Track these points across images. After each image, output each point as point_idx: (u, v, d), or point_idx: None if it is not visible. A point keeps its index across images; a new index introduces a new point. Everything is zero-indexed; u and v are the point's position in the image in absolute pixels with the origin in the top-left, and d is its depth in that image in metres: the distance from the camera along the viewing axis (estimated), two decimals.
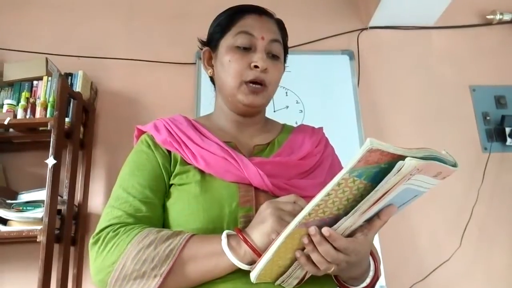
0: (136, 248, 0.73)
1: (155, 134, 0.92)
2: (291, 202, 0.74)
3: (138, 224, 0.80)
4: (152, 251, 0.73)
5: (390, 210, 0.67)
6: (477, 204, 2.00)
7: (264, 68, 0.90)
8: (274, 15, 1.01)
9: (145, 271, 0.72)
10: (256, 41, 0.92)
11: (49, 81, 1.95)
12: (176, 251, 0.72)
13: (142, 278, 0.72)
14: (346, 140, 1.89)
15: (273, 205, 0.73)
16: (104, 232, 0.79)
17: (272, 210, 0.72)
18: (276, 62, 0.95)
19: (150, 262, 0.72)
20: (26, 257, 1.87)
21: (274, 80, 0.95)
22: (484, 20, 2.36)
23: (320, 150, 0.97)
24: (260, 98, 0.92)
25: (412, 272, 1.92)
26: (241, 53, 0.92)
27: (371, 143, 0.56)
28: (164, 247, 0.73)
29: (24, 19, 2.31)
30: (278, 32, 0.98)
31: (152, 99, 2.16)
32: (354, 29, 2.32)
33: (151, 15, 2.33)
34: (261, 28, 0.93)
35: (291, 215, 0.70)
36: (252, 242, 0.71)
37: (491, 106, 2.21)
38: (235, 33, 0.93)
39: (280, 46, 0.97)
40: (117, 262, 0.73)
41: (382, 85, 2.24)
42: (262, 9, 0.99)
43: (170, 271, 0.72)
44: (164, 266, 0.72)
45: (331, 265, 0.69)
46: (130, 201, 0.83)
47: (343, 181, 0.60)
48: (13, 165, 2.03)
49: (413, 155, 0.58)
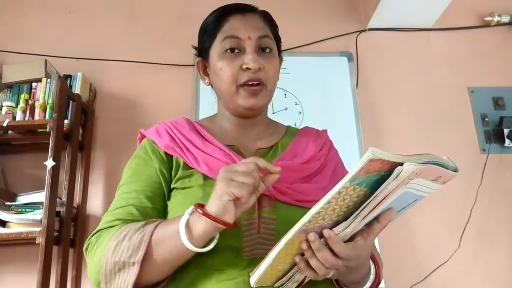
0: (113, 243, 0.75)
1: (157, 139, 0.92)
2: (246, 162, 0.73)
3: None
4: (127, 242, 0.74)
5: (390, 214, 0.67)
6: (475, 205, 2.00)
7: (257, 68, 0.89)
8: (257, 8, 0.99)
9: (124, 261, 0.73)
10: (243, 43, 0.91)
11: (48, 83, 1.95)
12: (147, 237, 0.73)
13: (124, 269, 0.73)
14: (345, 142, 1.88)
15: (225, 168, 0.72)
16: (93, 238, 0.82)
17: (222, 173, 0.71)
18: (269, 56, 0.93)
19: (126, 251, 0.73)
20: (25, 259, 1.86)
21: (271, 76, 0.92)
22: (482, 22, 2.36)
23: (324, 153, 0.96)
24: (260, 98, 0.91)
25: (411, 273, 1.92)
26: (231, 57, 0.90)
27: (372, 153, 0.55)
28: (136, 235, 0.74)
29: (23, 21, 2.31)
30: (265, 26, 0.96)
31: (151, 101, 2.16)
32: (353, 31, 2.32)
33: (150, 17, 2.33)
34: (246, 28, 0.92)
35: (242, 174, 0.70)
36: (206, 210, 0.70)
37: (489, 108, 2.22)
38: (221, 39, 0.92)
39: (270, 39, 0.95)
40: (101, 259, 0.76)
41: (380, 87, 2.24)
42: (244, 6, 0.97)
43: (145, 257, 0.72)
44: (138, 252, 0.73)
45: (330, 271, 0.69)
46: (123, 206, 0.84)
47: (343, 190, 0.60)
48: (12, 167, 2.03)
49: (413, 161, 0.58)
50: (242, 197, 0.69)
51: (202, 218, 0.71)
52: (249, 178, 0.70)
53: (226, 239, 0.78)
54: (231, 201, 0.69)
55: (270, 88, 0.93)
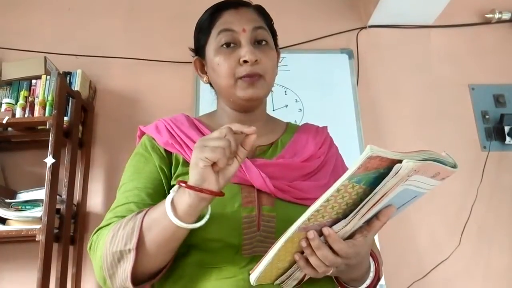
0: (109, 236, 0.76)
1: (156, 136, 0.92)
2: (219, 129, 0.71)
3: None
4: (121, 231, 0.75)
5: (389, 211, 0.67)
6: (476, 203, 2.00)
7: (254, 60, 0.87)
8: (251, 3, 0.98)
9: (121, 250, 0.73)
10: (238, 36, 0.90)
11: (48, 80, 1.95)
12: (138, 222, 0.73)
13: (122, 258, 0.74)
14: (345, 139, 1.88)
15: (200, 138, 0.71)
16: (94, 236, 0.82)
17: (197, 143, 0.70)
18: (265, 48, 0.91)
19: (121, 240, 0.74)
20: (25, 256, 1.87)
21: (270, 67, 0.91)
22: (483, 19, 2.36)
23: (324, 151, 0.96)
24: (259, 89, 0.90)
25: (411, 271, 1.92)
26: (228, 51, 0.89)
27: (371, 150, 0.55)
28: (129, 224, 0.75)
29: (22, 18, 2.30)
30: (259, 18, 0.95)
31: (151, 98, 2.15)
32: (353, 28, 2.31)
33: (150, 14, 2.32)
34: (240, 21, 0.91)
35: (216, 139, 0.68)
36: (188, 182, 0.69)
37: (490, 105, 2.21)
38: (216, 34, 0.91)
39: (265, 31, 0.94)
40: (102, 254, 0.76)
41: (381, 84, 2.24)
42: (238, 1, 0.96)
43: (139, 243, 0.72)
44: (132, 239, 0.73)
45: (329, 268, 0.69)
46: (124, 204, 0.84)
47: (342, 187, 0.60)
48: (11, 164, 2.03)
49: (412, 158, 0.58)
50: (218, 161, 0.67)
51: (185, 192, 0.70)
52: (222, 141, 0.68)
53: (226, 236, 0.78)
54: (208, 167, 0.68)
55: (268, 80, 0.91)
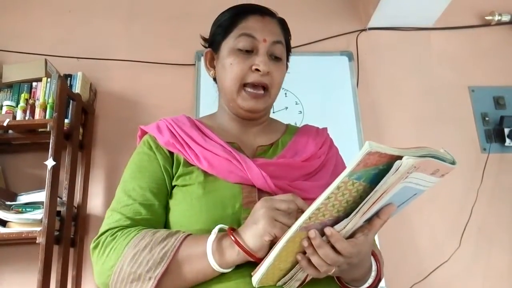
0: (132, 251, 0.74)
1: (158, 135, 0.92)
2: (287, 200, 0.72)
3: (136, 226, 0.80)
4: (147, 254, 0.73)
5: (390, 209, 0.67)
6: (476, 205, 2.00)
7: (266, 72, 0.89)
8: (276, 14, 1.00)
9: (141, 273, 0.72)
10: (258, 44, 0.91)
11: (48, 82, 1.95)
12: (170, 253, 0.73)
13: (138, 281, 0.72)
14: (345, 141, 1.88)
15: (267, 204, 0.71)
16: (103, 237, 0.80)
17: (265, 210, 0.70)
18: (278, 64, 0.94)
19: (145, 264, 0.72)
20: (26, 259, 1.87)
21: (277, 82, 0.94)
22: (483, 21, 2.36)
23: (324, 151, 0.96)
24: (261, 103, 0.92)
25: (411, 273, 1.92)
26: (243, 55, 0.91)
27: (370, 146, 0.56)
28: (158, 249, 0.73)
29: (23, 21, 2.31)
30: (280, 32, 0.97)
31: (152, 100, 2.15)
32: (353, 30, 2.32)
33: (150, 16, 2.33)
34: (263, 30, 0.92)
35: (285, 215, 0.69)
36: (244, 244, 0.70)
37: (490, 107, 2.21)
38: (237, 35, 0.92)
39: (283, 47, 0.96)
40: (115, 265, 0.74)
41: (381, 86, 2.24)
42: (264, 9, 0.97)
43: (164, 273, 0.72)
44: (158, 268, 0.72)
45: (331, 268, 0.69)
46: (130, 204, 0.83)
47: (342, 184, 0.60)
48: (12, 166, 2.03)
49: (411, 154, 0.58)
50: (279, 237, 0.68)
51: (235, 248, 0.71)
52: (290, 220, 0.69)
53: None
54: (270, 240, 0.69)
55: (273, 95, 0.94)
